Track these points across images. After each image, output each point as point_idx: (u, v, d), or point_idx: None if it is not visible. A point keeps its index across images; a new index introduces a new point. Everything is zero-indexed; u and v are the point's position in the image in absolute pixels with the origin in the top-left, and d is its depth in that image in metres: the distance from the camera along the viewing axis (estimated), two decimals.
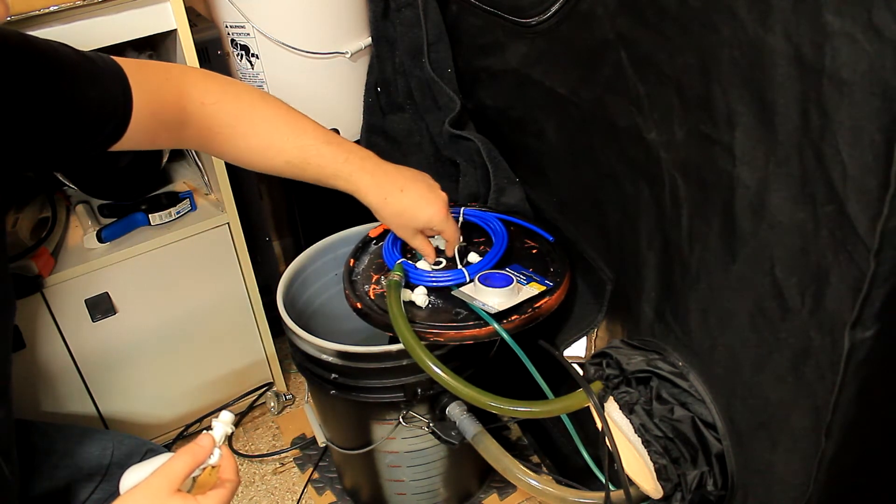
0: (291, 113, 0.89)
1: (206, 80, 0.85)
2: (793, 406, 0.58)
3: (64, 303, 1.14)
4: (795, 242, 0.54)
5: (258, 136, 0.87)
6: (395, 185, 0.91)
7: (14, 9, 0.93)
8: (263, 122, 0.87)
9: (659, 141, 0.70)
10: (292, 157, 0.87)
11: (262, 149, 0.87)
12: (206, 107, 0.83)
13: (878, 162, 0.44)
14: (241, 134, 0.86)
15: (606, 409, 0.76)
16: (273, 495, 1.30)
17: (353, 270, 1.05)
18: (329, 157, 0.88)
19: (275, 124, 0.87)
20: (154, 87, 0.79)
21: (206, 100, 0.83)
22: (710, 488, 0.69)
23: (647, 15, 0.67)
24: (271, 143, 0.87)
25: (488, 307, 0.89)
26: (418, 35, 1.14)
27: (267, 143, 0.87)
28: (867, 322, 0.48)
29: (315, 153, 0.87)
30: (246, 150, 0.87)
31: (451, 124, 1.11)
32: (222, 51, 1.20)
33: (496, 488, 1.27)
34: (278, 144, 0.87)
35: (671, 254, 0.72)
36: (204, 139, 0.86)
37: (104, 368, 1.22)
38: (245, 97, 0.87)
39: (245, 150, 0.87)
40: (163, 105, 0.80)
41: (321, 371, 1.00)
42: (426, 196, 0.93)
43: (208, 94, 0.83)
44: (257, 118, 0.86)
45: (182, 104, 0.82)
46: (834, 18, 0.46)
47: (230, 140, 0.86)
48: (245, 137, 0.86)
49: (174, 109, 0.81)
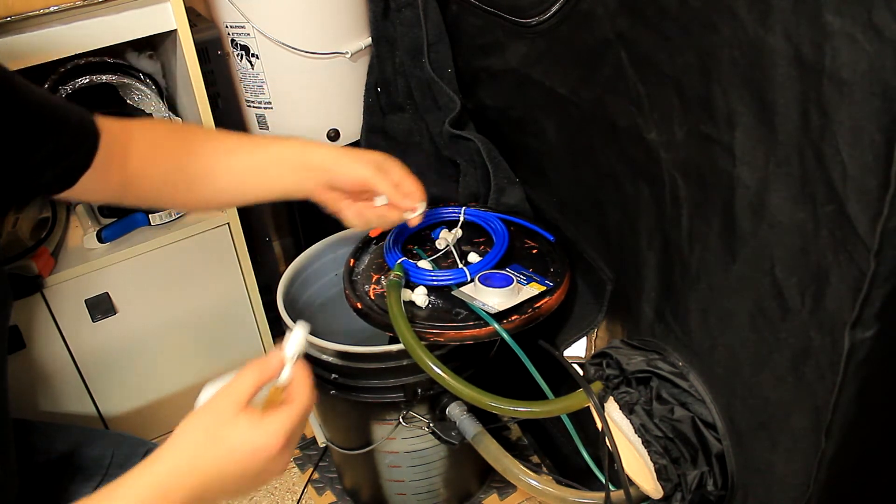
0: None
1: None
2: (793, 406, 0.58)
3: (64, 303, 1.14)
4: (795, 242, 0.54)
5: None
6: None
7: (14, 9, 0.93)
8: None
9: (659, 141, 0.70)
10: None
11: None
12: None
13: (878, 162, 0.44)
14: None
15: (606, 409, 0.75)
16: (273, 495, 1.30)
17: (353, 270, 1.05)
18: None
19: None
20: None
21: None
22: (710, 488, 0.69)
23: (647, 15, 0.67)
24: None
25: (488, 307, 0.89)
26: (418, 35, 1.14)
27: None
28: (867, 322, 0.48)
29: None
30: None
31: (451, 124, 1.11)
32: (222, 51, 1.20)
33: (496, 488, 1.27)
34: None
35: (671, 254, 0.72)
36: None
37: (104, 368, 1.22)
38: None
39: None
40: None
41: (321, 371, 1.00)
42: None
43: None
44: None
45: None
46: (834, 18, 0.46)
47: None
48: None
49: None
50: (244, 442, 0.57)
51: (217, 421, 0.58)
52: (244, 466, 0.57)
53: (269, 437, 0.57)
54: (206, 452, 0.57)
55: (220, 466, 0.57)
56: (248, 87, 1.24)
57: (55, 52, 0.99)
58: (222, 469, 0.57)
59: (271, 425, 0.57)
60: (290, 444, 0.59)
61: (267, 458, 0.57)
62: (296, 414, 0.59)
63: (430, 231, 1.10)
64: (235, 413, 0.57)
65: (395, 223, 0.91)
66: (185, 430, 0.58)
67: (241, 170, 0.83)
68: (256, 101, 1.25)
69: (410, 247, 1.06)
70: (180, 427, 0.58)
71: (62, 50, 1.00)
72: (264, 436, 0.57)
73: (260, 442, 0.57)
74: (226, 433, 0.57)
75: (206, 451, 0.57)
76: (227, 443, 0.57)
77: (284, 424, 0.58)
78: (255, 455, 0.57)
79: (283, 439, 0.57)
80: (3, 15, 0.92)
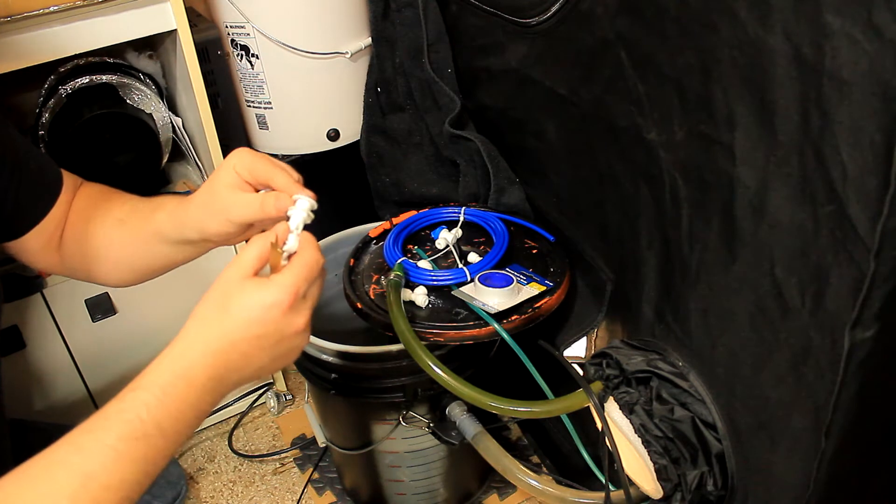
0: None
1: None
2: (793, 406, 0.58)
3: (64, 303, 1.14)
4: (795, 242, 0.54)
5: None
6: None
7: (14, 9, 0.93)
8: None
9: (659, 141, 0.70)
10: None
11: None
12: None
13: (878, 162, 0.44)
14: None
15: (606, 409, 0.75)
16: (273, 495, 1.30)
17: (353, 270, 1.05)
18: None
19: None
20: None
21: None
22: (710, 488, 0.69)
23: (647, 15, 0.67)
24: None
25: (488, 307, 0.89)
26: (418, 35, 1.14)
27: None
28: (867, 322, 0.48)
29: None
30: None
31: (451, 124, 1.11)
32: (222, 51, 1.20)
33: (496, 488, 1.27)
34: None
35: (671, 254, 0.72)
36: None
37: (104, 368, 1.22)
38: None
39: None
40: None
41: (321, 371, 1.00)
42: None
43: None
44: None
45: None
46: (834, 18, 0.46)
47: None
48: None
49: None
50: (254, 302, 0.56)
51: (225, 292, 0.57)
52: (260, 328, 0.56)
53: (279, 290, 0.56)
54: (220, 324, 0.56)
55: (235, 333, 0.56)
56: (248, 87, 1.24)
57: (55, 52, 0.99)
58: (239, 336, 0.56)
59: (280, 279, 0.57)
60: (305, 300, 0.58)
61: (281, 313, 0.56)
62: (304, 267, 0.58)
63: (430, 231, 1.10)
64: (242, 281, 0.57)
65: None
66: (197, 312, 0.58)
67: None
68: (256, 101, 1.25)
69: (410, 247, 1.06)
70: (193, 312, 0.58)
71: (62, 50, 1.00)
72: (274, 290, 0.56)
73: (270, 297, 0.56)
74: (235, 300, 0.56)
75: (220, 323, 0.56)
76: (237, 308, 0.56)
77: (293, 277, 0.57)
78: (269, 312, 0.56)
79: (292, 291, 0.57)
80: (3, 15, 0.92)
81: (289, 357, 0.60)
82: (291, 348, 0.60)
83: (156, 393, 0.55)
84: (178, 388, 0.55)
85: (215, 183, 0.68)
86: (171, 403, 0.55)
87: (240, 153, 0.69)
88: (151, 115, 1.17)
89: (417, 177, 1.23)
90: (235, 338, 0.56)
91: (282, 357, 0.60)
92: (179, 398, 0.55)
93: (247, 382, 0.60)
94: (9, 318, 1.11)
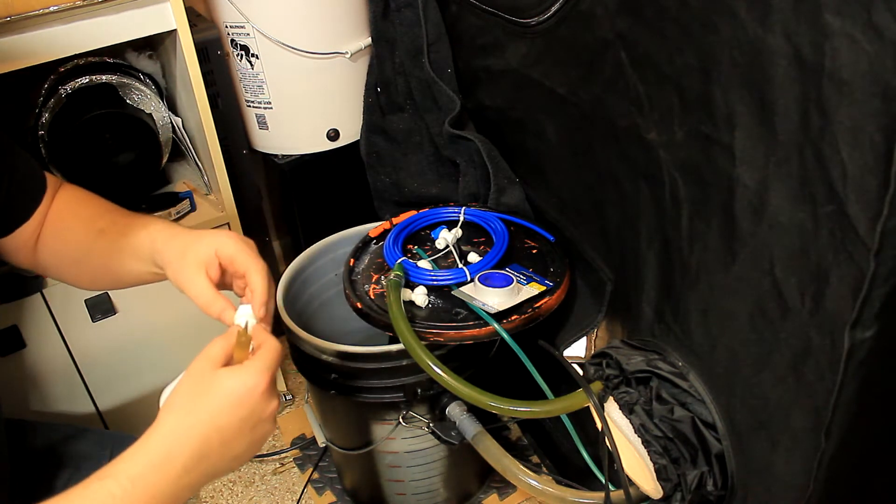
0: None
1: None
2: (793, 406, 0.58)
3: (64, 303, 1.14)
4: (795, 242, 0.54)
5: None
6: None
7: (14, 9, 0.92)
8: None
9: (659, 141, 0.70)
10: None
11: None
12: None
13: (878, 162, 0.44)
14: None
15: (606, 409, 0.75)
16: (273, 495, 1.30)
17: (353, 270, 1.05)
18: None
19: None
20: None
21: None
22: (710, 488, 0.69)
23: (647, 15, 0.67)
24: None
25: (488, 307, 0.89)
26: (418, 35, 1.14)
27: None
28: (867, 322, 0.48)
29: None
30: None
31: (451, 124, 1.11)
32: (222, 51, 1.20)
33: (496, 488, 1.27)
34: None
35: (671, 254, 0.72)
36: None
37: (104, 368, 1.22)
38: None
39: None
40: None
41: (321, 371, 1.00)
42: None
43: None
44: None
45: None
46: (834, 18, 0.46)
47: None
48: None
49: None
50: (232, 386, 0.58)
51: (200, 382, 0.59)
52: (244, 410, 0.58)
53: (256, 373, 0.59)
54: (199, 409, 0.57)
55: (215, 417, 0.57)
56: (247, 87, 1.24)
57: (55, 52, 0.99)
58: (218, 419, 0.57)
59: (253, 365, 0.59)
60: (273, 384, 0.61)
61: (260, 395, 0.58)
62: (273, 351, 0.61)
63: (430, 231, 1.10)
64: (215, 371, 0.59)
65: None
66: (172, 403, 0.59)
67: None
68: (256, 101, 1.25)
69: (410, 247, 1.06)
70: (166, 404, 0.59)
71: (62, 50, 1.00)
72: (252, 373, 0.59)
73: (251, 380, 0.58)
74: (212, 388, 0.58)
75: (198, 408, 0.57)
76: (215, 394, 0.58)
77: (265, 362, 0.60)
78: (250, 394, 0.58)
79: (268, 375, 0.59)
80: (3, 15, 0.92)
81: (257, 446, 0.62)
82: (263, 434, 0.61)
83: (123, 483, 0.53)
84: (149, 479, 0.54)
85: (189, 251, 0.72)
86: (139, 495, 0.54)
87: (230, 237, 0.73)
88: (151, 115, 1.17)
89: (417, 177, 1.24)
90: (221, 423, 0.57)
91: (254, 444, 0.61)
92: (150, 489, 0.54)
93: (219, 476, 0.61)
94: (8, 318, 1.11)
